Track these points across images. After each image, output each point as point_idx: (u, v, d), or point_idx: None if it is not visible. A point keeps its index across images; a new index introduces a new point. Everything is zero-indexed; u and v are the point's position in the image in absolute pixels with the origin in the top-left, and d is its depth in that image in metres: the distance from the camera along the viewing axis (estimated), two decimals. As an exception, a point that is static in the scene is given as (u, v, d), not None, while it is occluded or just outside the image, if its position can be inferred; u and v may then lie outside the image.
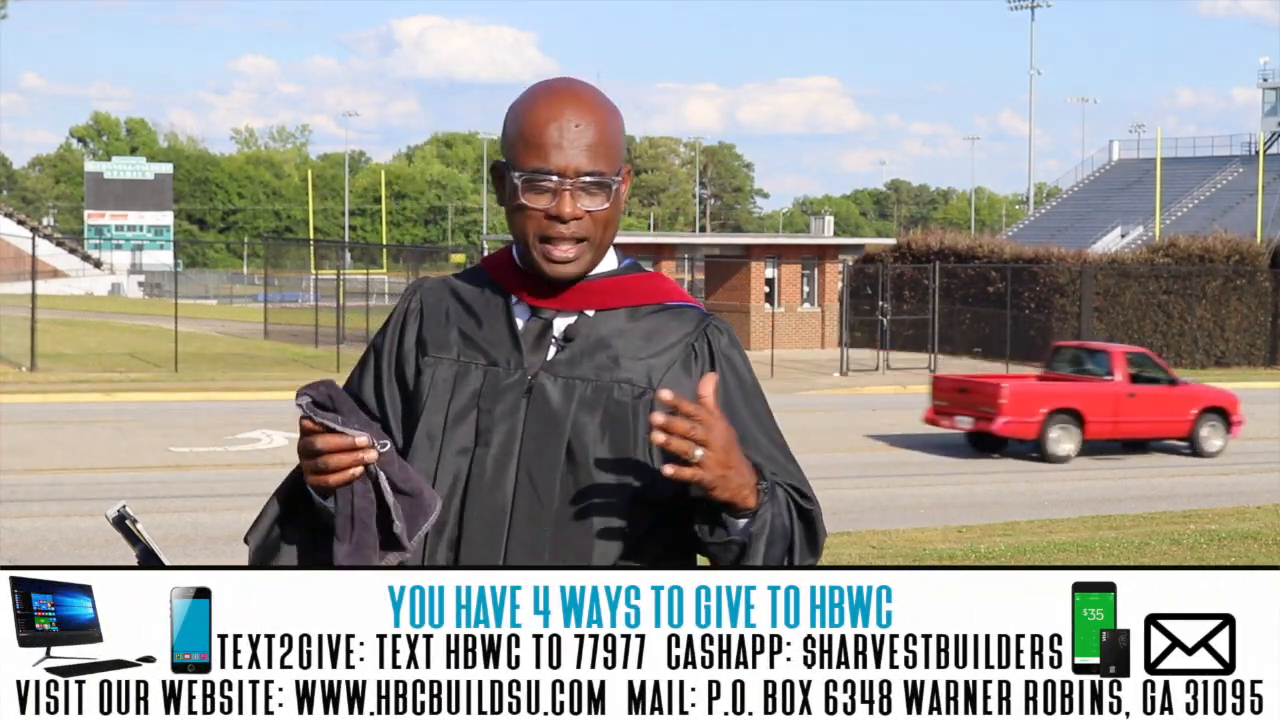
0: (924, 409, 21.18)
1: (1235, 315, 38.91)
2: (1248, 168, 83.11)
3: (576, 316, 2.53)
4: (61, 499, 14.05)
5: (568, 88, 2.50)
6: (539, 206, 2.45)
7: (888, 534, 12.50)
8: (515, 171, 2.46)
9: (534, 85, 2.54)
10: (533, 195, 2.45)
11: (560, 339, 2.52)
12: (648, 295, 2.57)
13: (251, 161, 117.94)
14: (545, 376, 2.49)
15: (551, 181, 2.44)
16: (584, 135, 2.45)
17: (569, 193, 2.44)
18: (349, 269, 46.81)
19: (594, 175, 2.45)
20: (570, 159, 2.44)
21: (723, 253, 41.61)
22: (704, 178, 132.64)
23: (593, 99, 2.49)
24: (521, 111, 2.49)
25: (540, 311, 2.53)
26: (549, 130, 2.44)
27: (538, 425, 2.47)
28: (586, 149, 2.44)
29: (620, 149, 2.50)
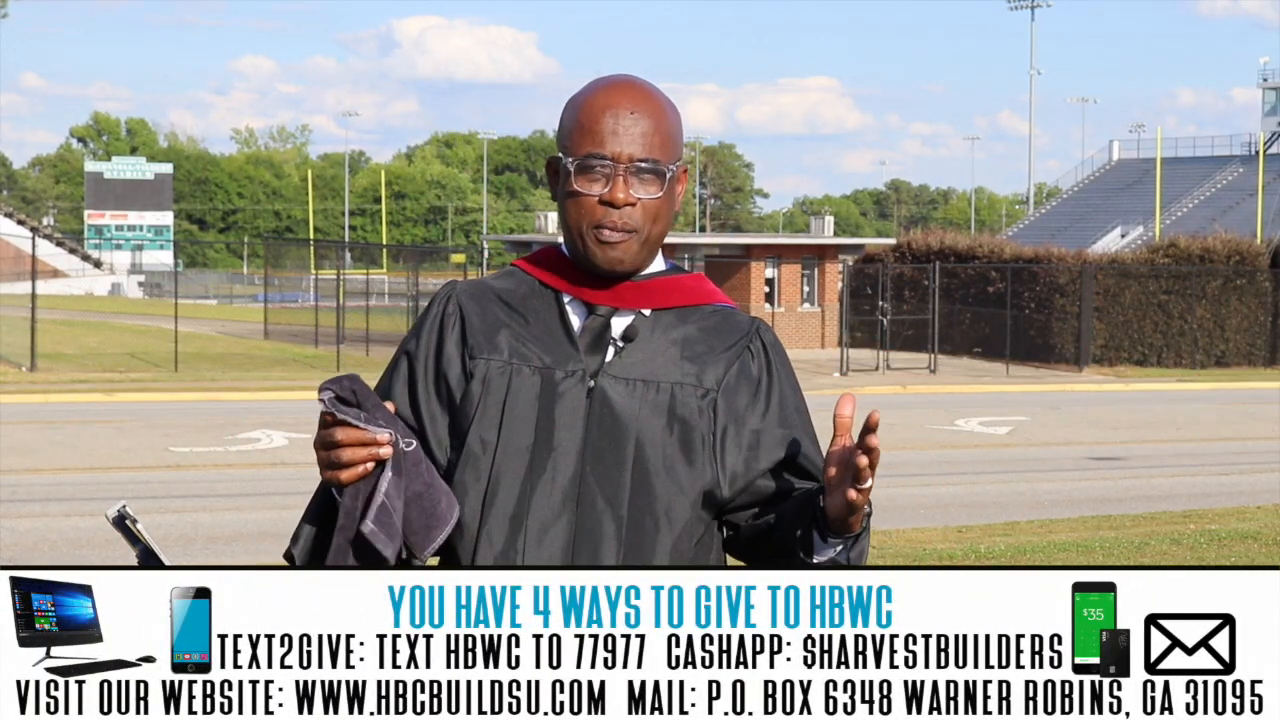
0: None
1: (1235, 315, 38.88)
2: (1248, 168, 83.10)
3: (634, 316, 2.49)
4: (61, 499, 14.05)
5: (626, 80, 2.49)
6: (592, 192, 2.42)
7: (888, 534, 12.49)
8: (569, 159, 2.44)
9: (593, 81, 2.53)
10: (585, 181, 2.43)
11: (620, 339, 2.48)
12: (700, 296, 2.55)
13: (251, 161, 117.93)
14: (607, 378, 2.45)
15: (606, 166, 2.42)
16: (639, 123, 2.43)
17: (622, 178, 2.42)
18: (349, 269, 46.81)
19: (649, 162, 2.43)
20: (625, 145, 2.42)
21: (723, 253, 41.62)
22: (704, 178, 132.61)
23: (650, 92, 2.48)
24: (578, 102, 2.48)
25: (596, 309, 2.48)
26: (604, 118, 2.43)
27: (602, 428, 2.43)
28: (642, 136, 2.43)
29: (678, 144, 2.49)
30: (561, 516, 2.42)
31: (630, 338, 2.47)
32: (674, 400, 2.45)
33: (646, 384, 2.45)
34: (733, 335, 2.52)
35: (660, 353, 2.48)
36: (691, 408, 2.45)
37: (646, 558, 2.43)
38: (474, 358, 2.47)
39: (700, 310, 2.54)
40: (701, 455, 2.45)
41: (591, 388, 2.44)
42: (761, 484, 2.49)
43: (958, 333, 38.45)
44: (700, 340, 2.50)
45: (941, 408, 25.86)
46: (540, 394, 2.44)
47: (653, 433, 2.43)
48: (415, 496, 2.39)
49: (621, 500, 2.42)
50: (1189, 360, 38.11)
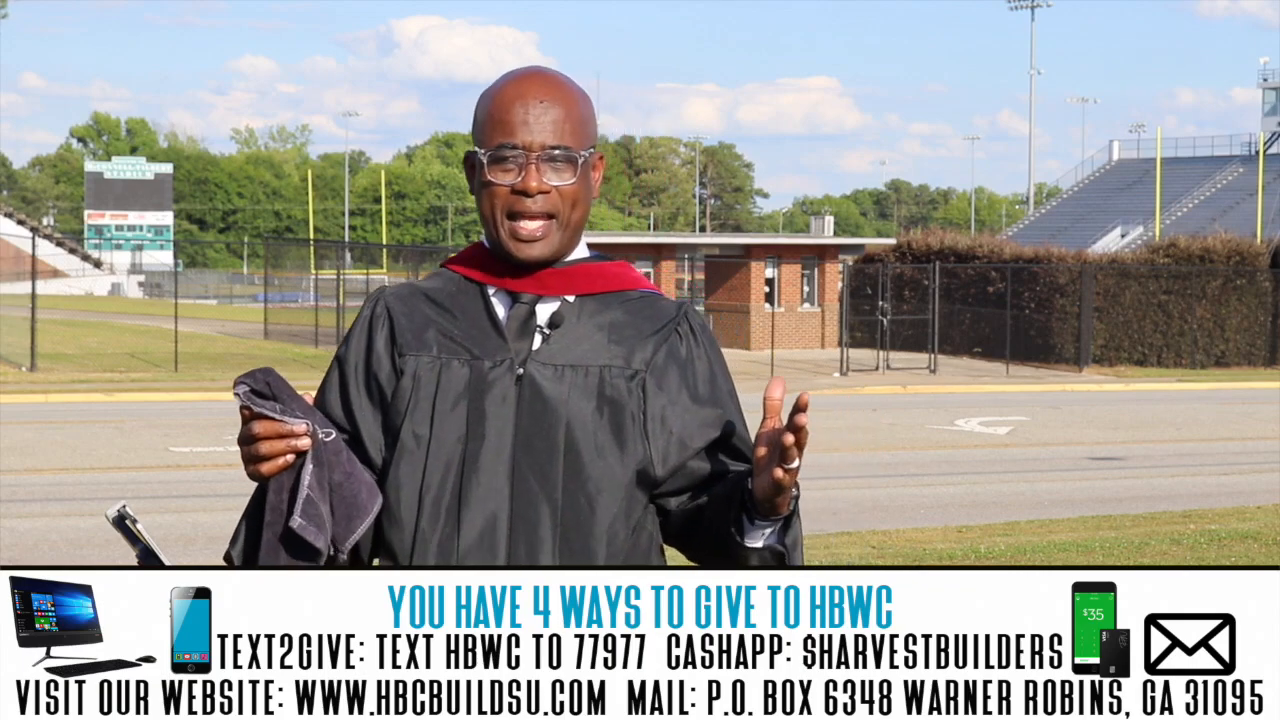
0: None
1: (1235, 315, 38.88)
2: (1248, 168, 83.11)
3: (559, 303, 2.52)
4: (61, 499, 14.05)
5: (535, 70, 2.52)
6: (504, 182, 2.45)
7: (888, 534, 12.49)
8: (482, 151, 2.47)
9: (503, 74, 2.55)
10: (499, 171, 2.46)
11: (545, 326, 2.50)
12: (625, 282, 2.57)
13: (251, 161, 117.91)
14: (535, 365, 2.47)
15: (517, 155, 2.44)
16: (549, 112, 2.46)
17: (534, 166, 2.44)
18: (349, 269, 46.81)
19: (561, 149, 2.45)
20: (535, 134, 2.44)
21: (723, 253, 41.61)
22: (704, 178, 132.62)
23: (559, 81, 2.51)
24: (489, 95, 2.51)
25: (520, 297, 2.51)
26: (515, 108, 2.46)
27: (532, 415, 2.45)
28: (552, 124, 2.45)
29: (590, 130, 2.51)
30: (497, 505, 2.43)
31: (556, 324, 2.49)
32: (602, 383, 2.47)
33: (574, 368, 2.47)
34: (660, 319, 2.54)
35: (587, 337, 2.49)
36: (620, 389, 2.47)
37: (583, 540, 2.44)
38: (403, 355, 2.50)
39: (626, 295, 2.55)
40: (633, 436, 2.47)
41: (520, 375, 2.46)
42: (694, 465, 2.51)
43: (958, 333, 38.44)
44: (627, 324, 2.52)
45: (941, 408, 25.86)
46: (470, 386, 2.46)
47: (582, 416, 2.45)
48: (336, 486, 2.40)
49: (555, 484, 2.43)
50: (1189, 360, 38.11)
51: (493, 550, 2.43)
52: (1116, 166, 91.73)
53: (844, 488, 15.78)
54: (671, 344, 2.52)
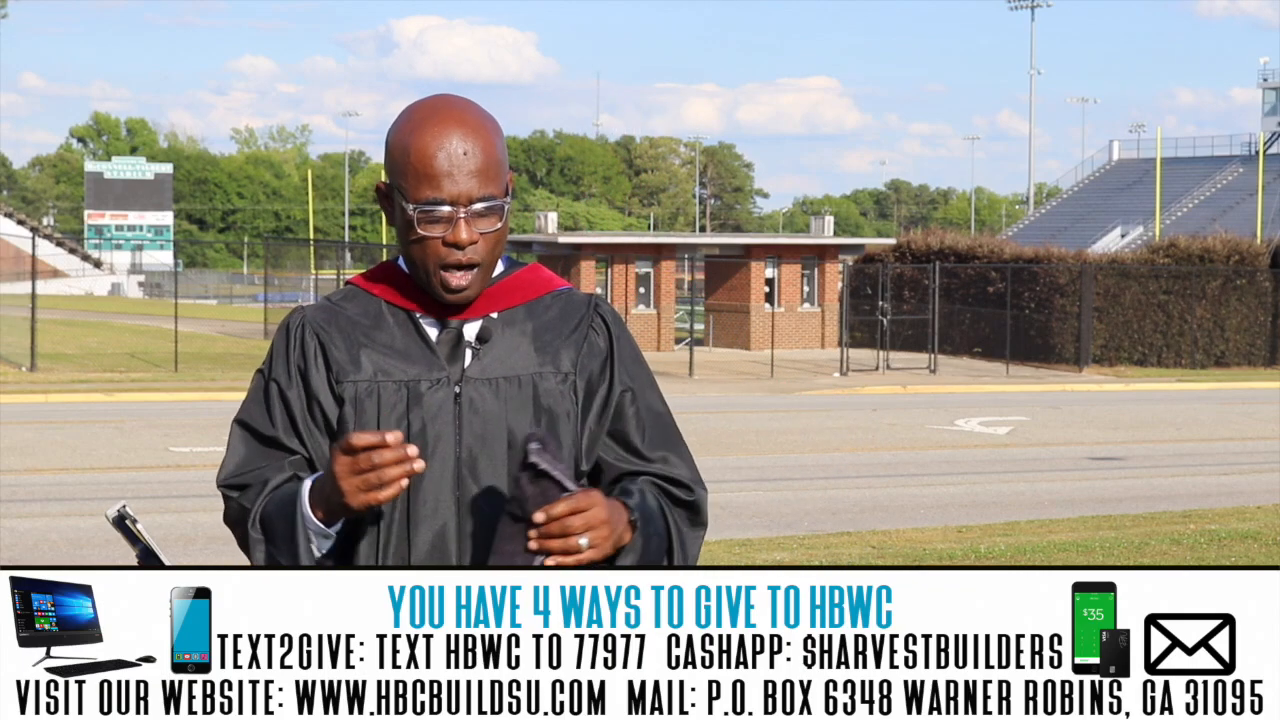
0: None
1: (1235, 315, 38.87)
2: (1248, 168, 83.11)
3: (482, 320, 2.58)
4: (61, 499, 14.04)
5: (449, 111, 2.52)
6: (435, 234, 2.49)
7: (888, 534, 12.49)
8: (409, 204, 2.49)
9: (414, 107, 2.56)
10: (429, 225, 2.49)
11: (474, 343, 2.56)
12: (537, 287, 2.64)
13: (251, 161, 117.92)
14: (470, 382, 2.54)
15: (445, 211, 2.48)
16: (471, 161, 2.48)
17: (464, 220, 2.49)
18: (349, 269, 46.81)
19: (485, 200, 2.50)
20: (462, 187, 2.48)
21: (723, 253, 41.59)
22: (704, 178, 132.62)
23: (476, 120, 2.52)
24: (407, 140, 2.51)
25: (448, 323, 2.57)
26: (438, 160, 2.48)
27: (473, 431, 2.52)
28: (476, 175, 2.48)
29: (505, 165, 2.55)
30: (444, 519, 2.49)
31: (485, 339, 2.57)
32: (536, 390, 2.56)
33: (508, 380, 2.55)
34: (574, 316, 2.63)
35: (515, 348, 2.58)
36: (554, 394, 2.56)
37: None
38: (340, 382, 2.56)
39: (542, 301, 2.63)
40: (568, 438, 2.56)
41: (457, 393, 2.53)
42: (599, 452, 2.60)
43: (958, 333, 38.44)
44: (547, 329, 2.60)
45: (941, 408, 25.85)
46: (408, 407, 2.52)
47: (522, 427, 2.52)
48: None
49: (499, 496, 2.48)
50: (1189, 360, 38.11)
51: (444, 561, 2.48)
52: (1116, 166, 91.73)
53: (844, 488, 15.77)
54: (591, 339, 2.61)
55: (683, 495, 2.57)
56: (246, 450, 2.61)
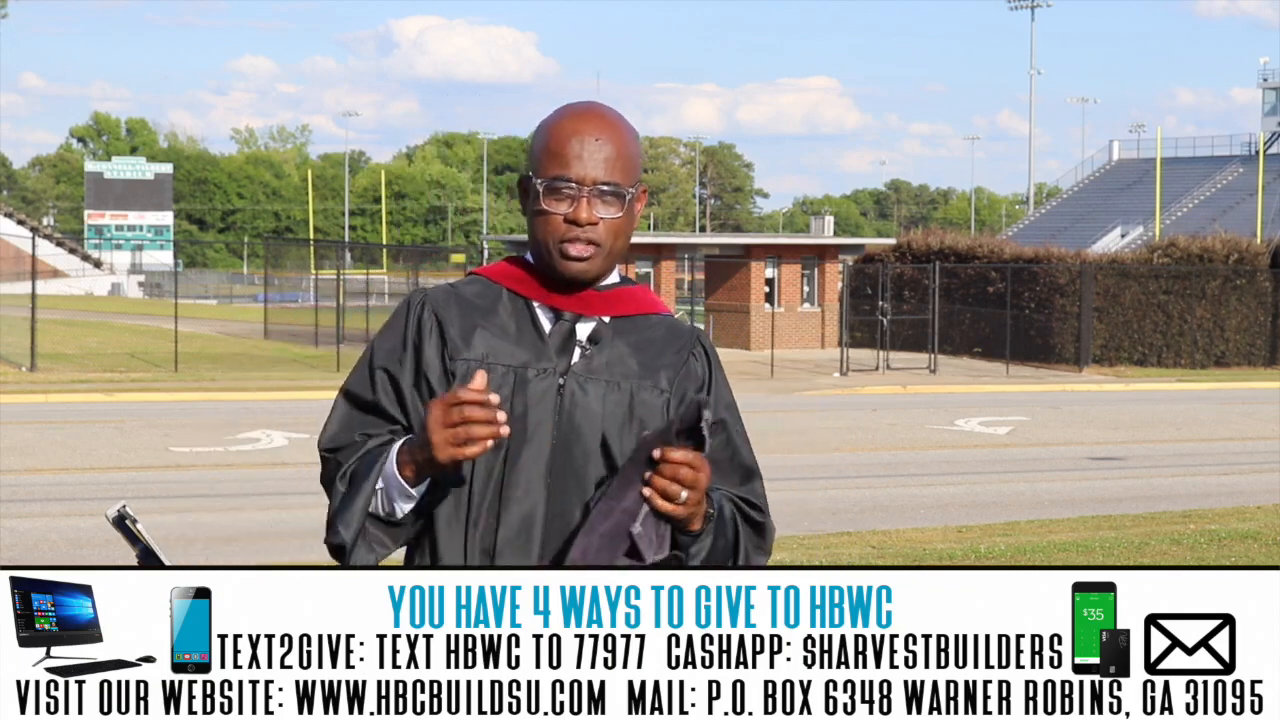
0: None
1: (1235, 315, 38.86)
2: (1248, 168, 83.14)
3: (596, 322, 2.70)
4: (61, 499, 14.05)
5: (591, 108, 2.71)
6: (559, 211, 2.63)
7: (888, 534, 12.49)
8: (538, 179, 2.65)
9: (563, 106, 2.73)
10: (553, 201, 2.64)
11: (585, 343, 2.67)
12: (648, 305, 2.76)
13: (251, 161, 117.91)
14: (575, 377, 2.65)
15: (571, 189, 2.63)
16: (602, 149, 2.64)
17: (586, 199, 2.63)
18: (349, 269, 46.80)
19: (610, 185, 2.64)
20: (589, 169, 2.63)
21: (723, 253, 41.59)
22: (704, 178, 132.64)
23: (614, 119, 2.70)
24: (548, 126, 2.69)
25: (563, 315, 2.68)
26: (571, 143, 2.64)
27: (570, 422, 2.62)
28: (604, 161, 2.64)
29: (637, 167, 2.71)
30: (534, 502, 2.58)
31: (595, 340, 2.68)
32: (634, 400, 2.66)
33: (609, 383, 2.66)
34: (679, 342, 2.75)
35: (620, 356, 2.69)
36: (650, 406, 2.67)
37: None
38: (453, 358, 2.66)
39: (649, 319, 2.75)
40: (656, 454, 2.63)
41: (561, 385, 2.64)
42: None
43: (958, 333, 38.44)
44: (652, 346, 2.72)
45: (941, 408, 25.85)
46: (514, 391, 2.63)
47: (615, 427, 2.63)
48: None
49: (587, 487, 2.59)
50: (1189, 360, 38.11)
51: (528, 544, 2.55)
52: (1116, 166, 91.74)
53: (844, 488, 15.77)
54: (689, 366, 2.73)
55: (755, 516, 2.67)
56: (348, 416, 2.68)
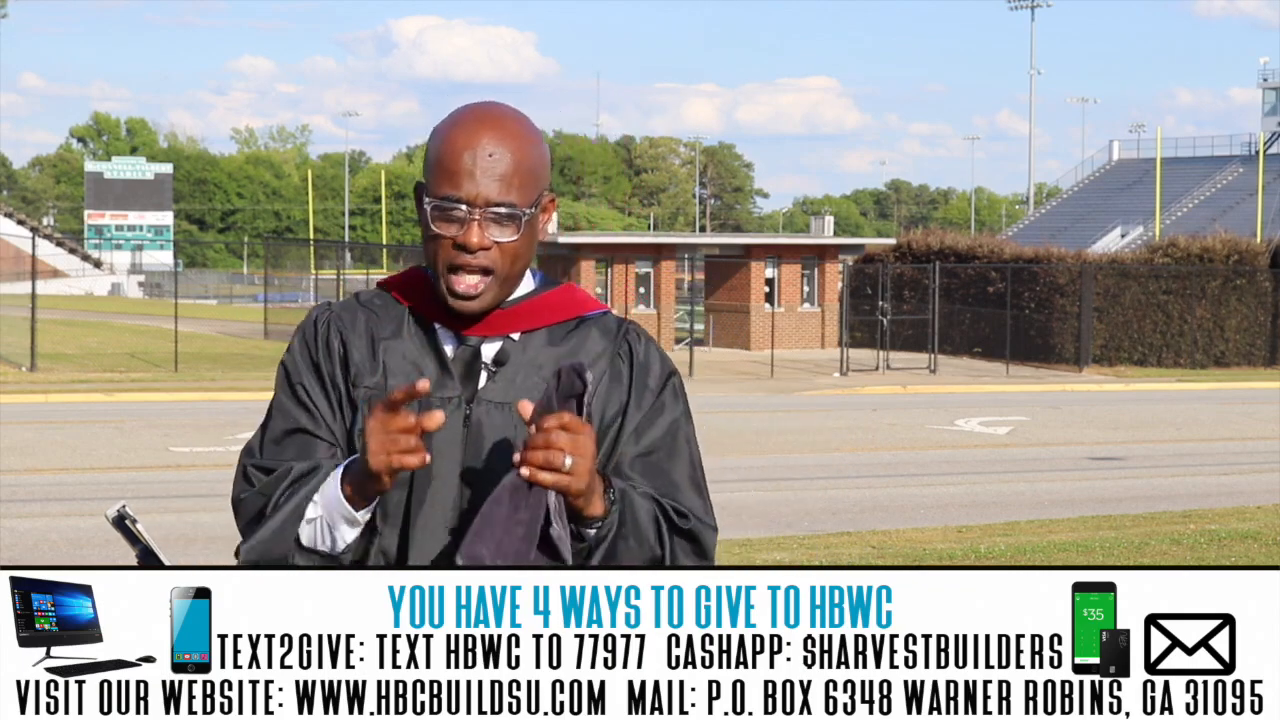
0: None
1: (1235, 315, 38.87)
2: (1248, 168, 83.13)
3: (502, 341, 2.51)
4: (61, 499, 14.05)
5: (487, 114, 2.47)
6: (447, 234, 2.43)
7: (888, 534, 12.49)
8: (427, 199, 2.45)
9: (459, 108, 2.50)
10: (443, 223, 2.44)
11: (491, 365, 2.50)
12: (566, 310, 2.56)
13: (251, 161, 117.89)
14: (482, 404, 2.47)
15: (460, 210, 2.42)
16: (498, 164, 2.42)
17: (477, 222, 2.42)
18: (349, 269, 46.81)
19: (504, 206, 2.42)
20: (481, 188, 2.41)
21: (723, 253, 41.59)
22: (704, 178, 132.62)
23: (513, 127, 2.46)
24: (440, 136, 2.47)
25: (466, 339, 2.51)
26: (463, 158, 2.42)
27: (479, 453, 2.45)
28: (499, 179, 2.42)
29: (539, 178, 2.47)
30: (443, 543, 2.43)
31: (502, 362, 2.50)
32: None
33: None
34: (600, 344, 2.54)
35: (532, 374, 2.49)
36: None
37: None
38: (356, 386, 2.50)
39: (568, 324, 2.55)
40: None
41: (468, 415, 2.46)
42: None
43: (958, 333, 38.44)
44: (570, 355, 2.51)
45: (941, 408, 25.85)
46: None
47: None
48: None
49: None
50: (1189, 360, 38.11)
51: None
52: (1116, 166, 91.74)
53: (844, 488, 15.78)
54: (615, 368, 2.53)
55: (680, 523, 2.45)
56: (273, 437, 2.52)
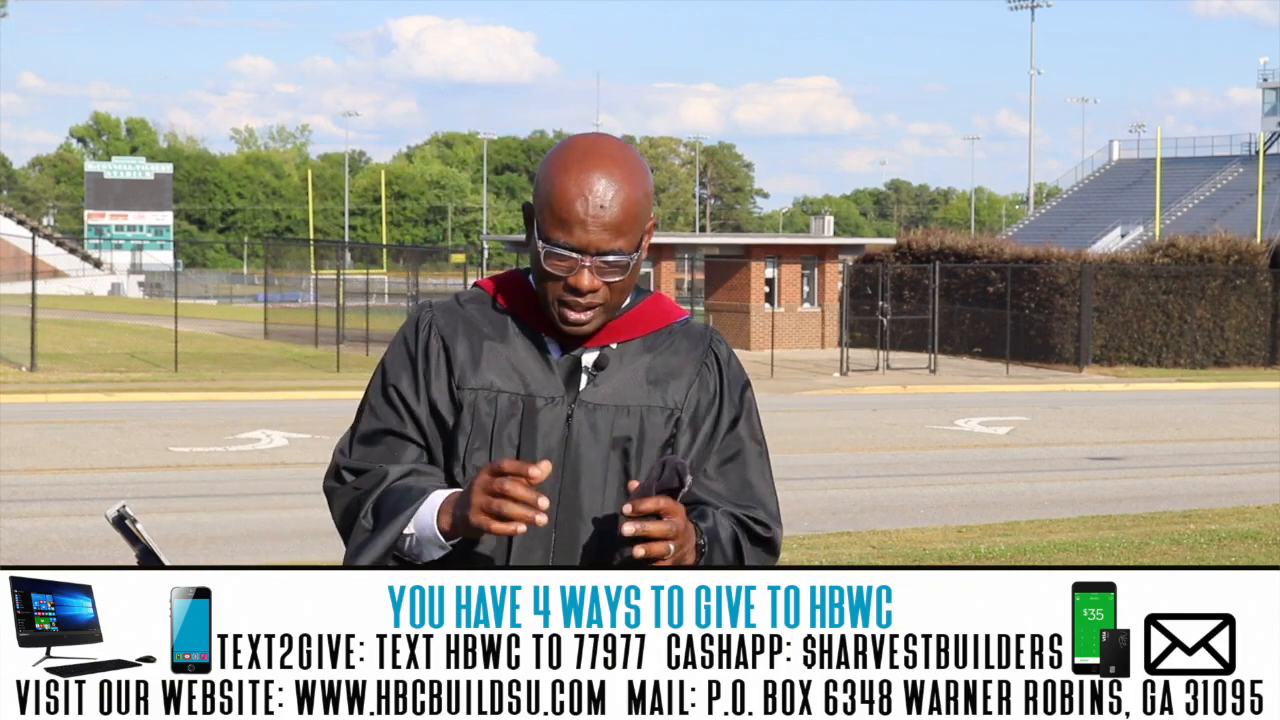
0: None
1: (1235, 315, 38.86)
2: (1248, 168, 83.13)
3: (601, 349, 2.66)
4: (61, 499, 14.04)
5: (598, 156, 2.56)
6: (559, 273, 2.56)
7: (888, 534, 12.49)
8: (541, 240, 2.56)
9: (570, 143, 2.60)
10: (555, 263, 2.56)
11: (591, 369, 2.64)
12: (657, 320, 2.72)
13: (251, 161, 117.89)
14: (583, 405, 2.62)
15: (573, 258, 2.54)
16: (608, 214, 2.53)
17: (588, 269, 2.55)
18: (349, 269, 46.80)
19: (614, 254, 2.55)
20: (592, 238, 2.53)
21: (723, 253, 41.59)
22: (704, 178, 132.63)
23: (625, 172, 2.56)
24: (554, 177, 2.56)
25: (569, 347, 2.65)
26: (575, 206, 2.52)
27: (579, 451, 2.60)
28: (608, 228, 2.53)
29: (646, 213, 2.60)
30: (543, 534, 2.54)
31: (602, 367, 2.65)
32: (643, 424, 2.64)
33: (618, 409, 2.64)
34: (689, 353, 2.71)
35: (629, 380, 2.66)
36: (658, 428, 2.65)
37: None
38: (460, 388, 2.63)
39: (660, 333, 2.71)
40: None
41: (570, 415, 2.62)
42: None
43: (958, 333, 38.43)
44: (661, 363, 2.69)
45: (941, 408, 25.85)
46: (523, 420, 2.61)
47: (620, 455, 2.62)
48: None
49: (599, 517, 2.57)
50: (1189, 360, 38.11)
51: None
52: (1116, 166, 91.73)
53: (844, 488, 15.77)
54: (703, 377, 2.70)
55: (761, 532, 2.63)
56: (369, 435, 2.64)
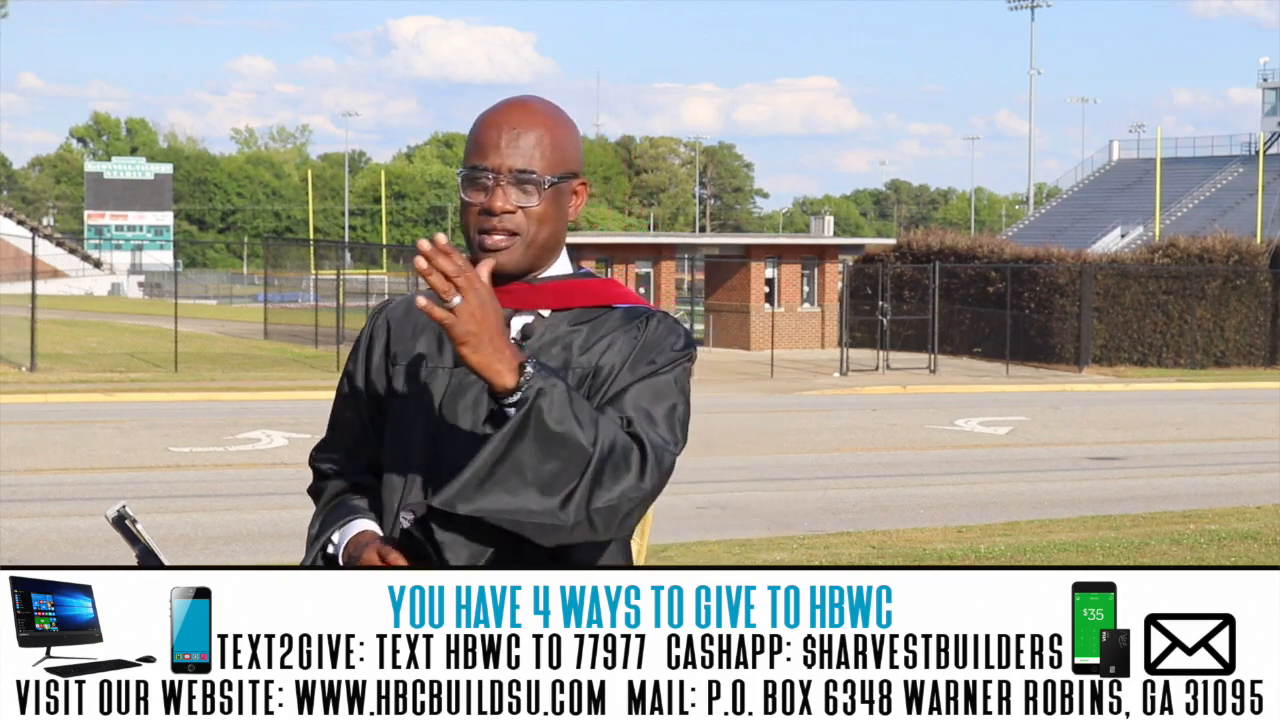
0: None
1: (1235, 315, 38.87)
2: (1248, 168, 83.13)
3: (533, 316, 2.67)
4: (61, 499, 14.04)
5: (521, 99, 2.71)
6: (475, 201, 2.64)
7: (888, 534, 12.49)
8: (459, 170, 2.66)
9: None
10: (471, 191, 2.64)
11: (518, 337, 2.64)
12: (601, 297, 2.71)
13: (251, 161, 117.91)
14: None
15: (487, 177, 2.62)
16: (523, 137, 2.63)
17: (501, 188, 2.61)
18: (349, 269, 46.79)
19: (524, 173, 2.61)
20: (505, 158, 2.62)
21: (723, 253, 41.59)
22: (704, 178, 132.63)
23: (541, 110, 2.68)
24: (477, 119, 2.70)
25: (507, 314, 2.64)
26: (490, 132, 2.65)
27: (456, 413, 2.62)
28: (523, 149, 2.63)
29: (567, 158, 2.66)
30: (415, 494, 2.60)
31: (528, 335, 2.66)
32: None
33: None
34: (623, 323, 2.66)
35: (554, 347, 2.64)
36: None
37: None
38: (395, 365, 2.73)
39: (599, 310, 2.69)
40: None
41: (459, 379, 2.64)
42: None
43: (958, 333, 38.44)
44: (591, 334, 2.66)
45: (941, 408, 25.86)
46: (447, 393, 2.65)
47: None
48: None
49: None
50: (1189, 360, 38.11)
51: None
52: (1116, 166, 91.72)
53: (844, 488, 15.77)
54: (620, 343, 2.63)
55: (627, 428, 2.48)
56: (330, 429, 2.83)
